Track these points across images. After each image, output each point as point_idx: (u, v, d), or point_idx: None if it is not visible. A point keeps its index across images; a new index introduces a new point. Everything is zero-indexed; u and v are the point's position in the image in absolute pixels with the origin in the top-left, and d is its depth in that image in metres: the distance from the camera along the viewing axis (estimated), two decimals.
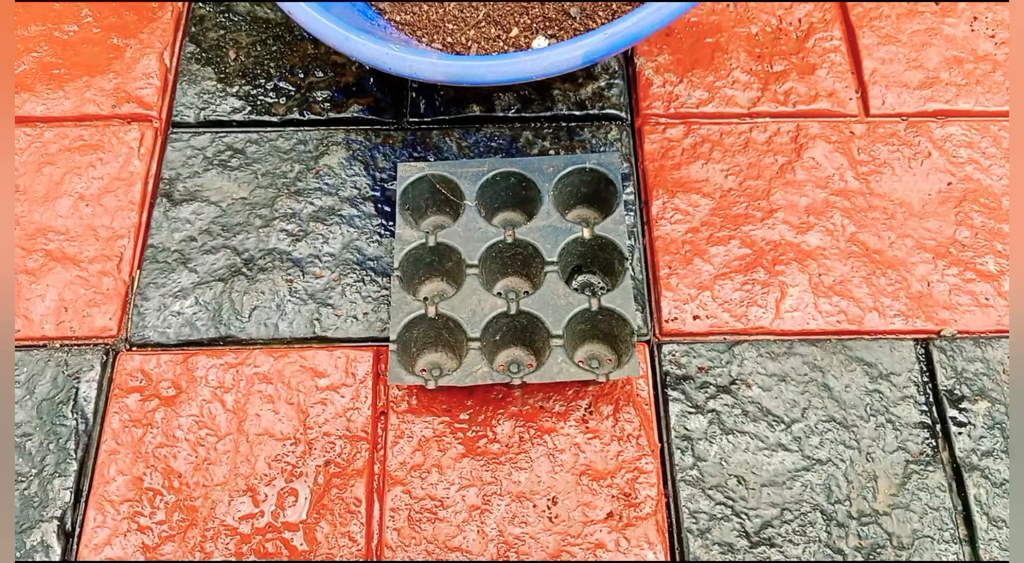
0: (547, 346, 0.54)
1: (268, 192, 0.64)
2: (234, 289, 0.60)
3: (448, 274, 0.59)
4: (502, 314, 0.55)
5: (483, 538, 0.52)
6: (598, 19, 0.64)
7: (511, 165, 0.60)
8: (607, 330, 0.56)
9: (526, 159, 0.61)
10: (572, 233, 0.58)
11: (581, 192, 0.61)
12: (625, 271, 0.56)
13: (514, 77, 0.55)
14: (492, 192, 0.60)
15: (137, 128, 0.66)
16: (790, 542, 0.53)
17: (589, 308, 0.55)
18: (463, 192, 0.59)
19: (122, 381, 0.57)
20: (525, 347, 0.57)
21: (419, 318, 0.55)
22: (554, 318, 0.55)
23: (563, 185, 0.60)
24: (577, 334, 0.56)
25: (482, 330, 0.55)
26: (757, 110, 0.67)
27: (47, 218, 0.62)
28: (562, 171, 0.59)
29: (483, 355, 0.54)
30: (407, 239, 0.58)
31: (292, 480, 0.54)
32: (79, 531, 0.53)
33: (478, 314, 0.55)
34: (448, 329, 0.56)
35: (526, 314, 0.55)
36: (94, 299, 0.60)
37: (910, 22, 0.71)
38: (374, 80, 0.68)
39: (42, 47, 0.69)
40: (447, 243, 0.58)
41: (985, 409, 0.56)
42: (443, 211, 0.61)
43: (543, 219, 0.58)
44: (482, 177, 0.59)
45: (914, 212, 0.63)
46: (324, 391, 0.57)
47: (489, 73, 0.55)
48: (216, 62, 0.69)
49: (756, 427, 0.56)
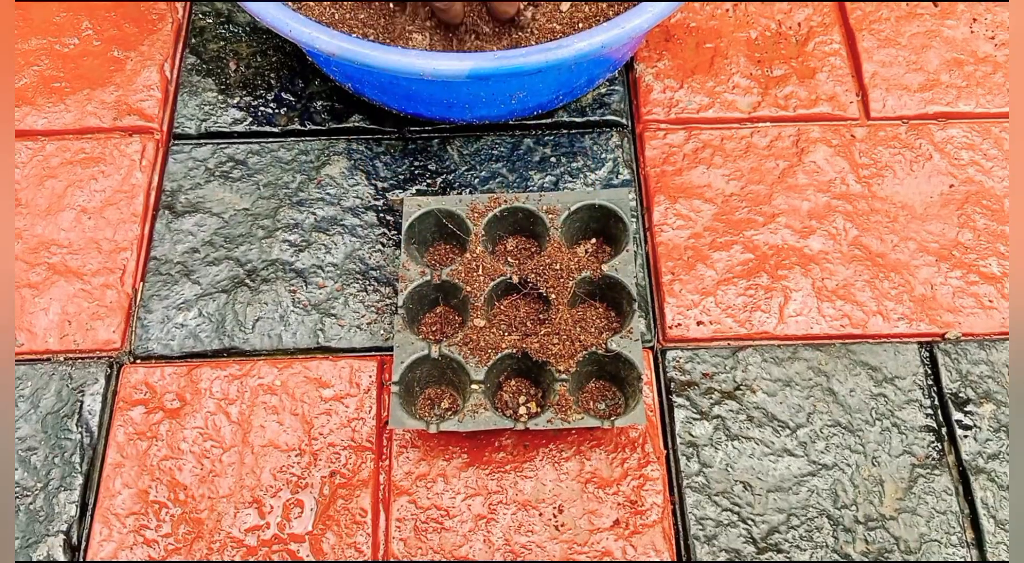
0: (552, 389, 0.53)
1: (270, 203, 0.64)
2: (237, 300, 0.60)
3: (454, 309, 0.59)
4: (508, 356, 0.54)
5: (489, 547, 0.52)
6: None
7: (518, 201, 0.59)
8: (614, 372, 0.55)
9: (534, 194, 0.59)
10: (580, 273, 0.57)
11: (590, 227, 0.60)
12: (633, 313, 0.55)
13: (400, 69, 0.55)
14: (500, 225, 0.59)
15: (139, 140, 0.66)
16: (797, 547, 0.52)
17: (596, 351, 0.54)
18: (469, 227, 0.58)
19: (126, 394, 0.57)
20: (530, 381, 0.56)
21: (422, 359, 0.54)
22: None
23: (571, 221, 0.59)
24: (584, 375, 0.55)
25: (486, 373, 0.54)
26: (758, 115, 0.67)
27: (49, 231, 0.63)
28: (571, 207, 0.58)
29: (486, 397, 0.53)
30: (411, 278, 0.57)
31: (297, 491, 0.54)
32: (85, 545, 0.53)
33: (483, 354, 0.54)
34: (452, 369, 0.55)
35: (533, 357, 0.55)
36: (97, 312, 0.60)
37: (910, 24, 0.71)
38: None
39: (43, 61, 0.69)
40: (452, 282, 0.57)
41: (991, 412, 0.56)
42: (449, 243, 0.61)
43: (549, 258, 0.57)
44: (489, 213, 0.58)
45: (916, 215, 0.63)
46: (328, 402, 0.57)
47: (376, 59, 0.55)
48: (217, 73, 0.69)
49: (761, 432, 0.56)
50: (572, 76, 0.63)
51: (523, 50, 0.55)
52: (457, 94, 0.61)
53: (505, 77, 0.57)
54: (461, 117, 0.65)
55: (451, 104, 0.63)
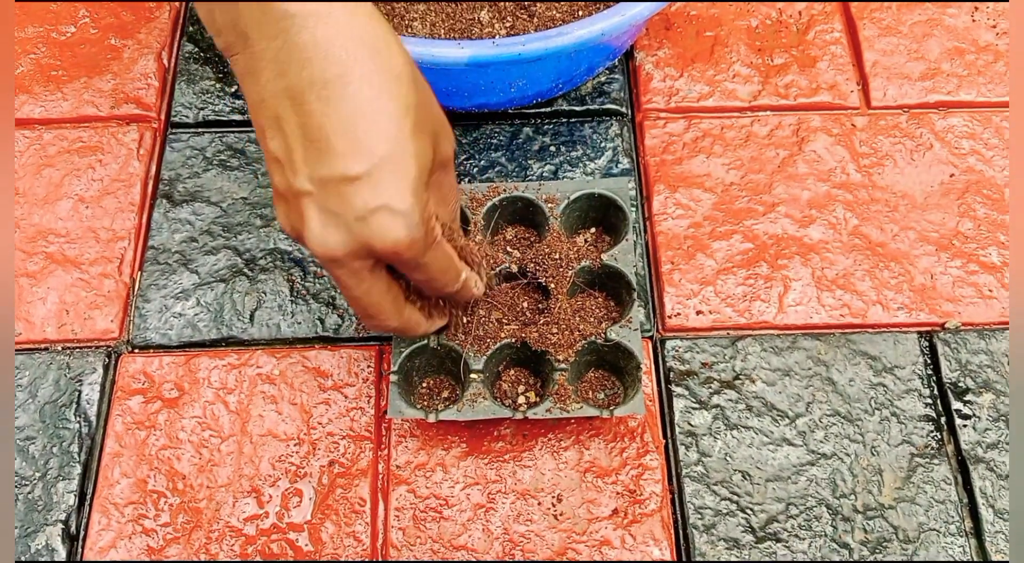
0: (551, 378, 0.53)
1: (268, 192, 0.64)
2: (236, 290, 0.60)
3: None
4: (507, 345, 0.54)
5: (488, 536, 0.52)
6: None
7: (517, 190, 0.58)
8: (613, 362, 0.55)
9: (534, 183, 0.59)
10: (580, 263, 0.56)
11: (590, 216, 0.60)
12: (633, 302, 0.55)
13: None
14: (499, 214, 0.59)
15: (136, 129, 0.66)
16: (796, 537, 0.52)
17: (595, 341, 0.54)
18: (468, 217, 0.58)
19: (125, 383, 0.57)
20: (530, 371, 0.56)
21: (421, 348, 0.54)
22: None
23: (571, 210, 0.58)
24: (583, 365, 0.55)
25: (485, 362, 0.53)
26: (758, 104, 0.67)
27: (47, 221, 0.62)
28: (570, 196, 0.58)
29: (485, 386, 0.53)
30: None
31: (296, 481, 0.54)
32: (84, 534, 0.53)
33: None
34: (451, 359, 0.55)
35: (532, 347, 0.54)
36: (95, 301, 0.59)
37: (911, 13, 0.71)
38: None
39: (39, 49, 0.69)
40: None
41: (990, 401, 0.56)
42: None
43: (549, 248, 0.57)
44: (488, 202, 0.58)
45: (916, 204, 0.63)
46: (327, 391, 0.57)
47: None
48: (215, 62, 0.69)
49: (760, 422, 0.56)
50: (572, 64, 0.62)
51: (522, 38, 0.55)
52: (456, 82, 0.61)
53: (504, 65, 0.57)
54: (460, 105, 0.65)
55: (450, 92, 0.62)
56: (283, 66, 0.37)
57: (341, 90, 0.37)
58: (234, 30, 0.38)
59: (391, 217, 0.39)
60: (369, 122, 0.38)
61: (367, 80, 0.38)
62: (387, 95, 0.38)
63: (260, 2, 0.37)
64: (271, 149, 0.40)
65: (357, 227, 0.39)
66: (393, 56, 0.39)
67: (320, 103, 0.37)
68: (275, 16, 0.37)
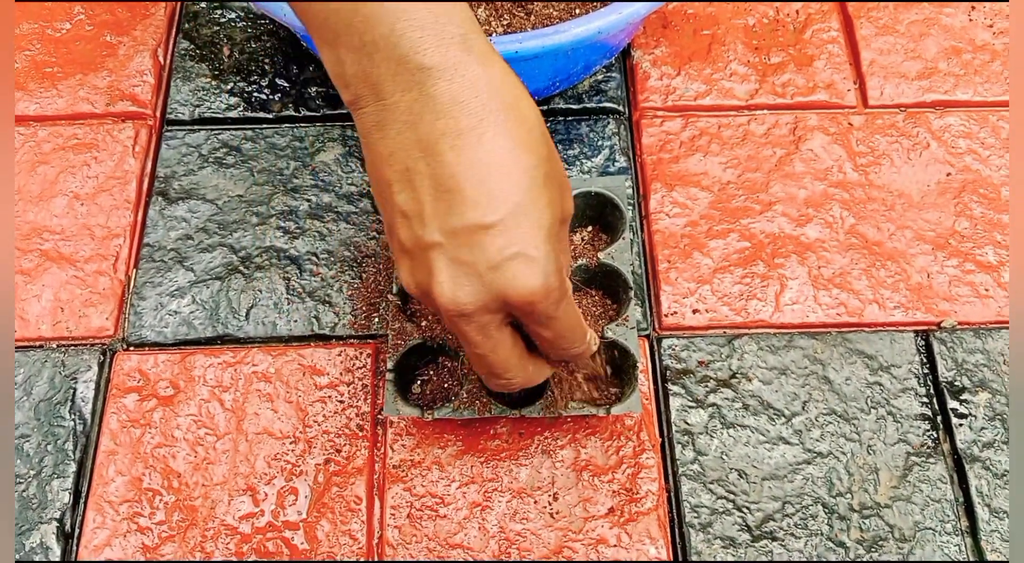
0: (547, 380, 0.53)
1: (264, 189, 0.63)
2: (231, 287, 0.60)
3: None
4: None
5: (484, 535, 0.52)
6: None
7: None
8: (610, 360, 0.55)
9: None
10: (577, 261, 0.56)
11: (586, 215, 0.60)
12: (630, 301, 0.54)
13: None
14: None
15: (131, 126, 0.66)
16: (792, 535, 0.52)
17: None
18: None
19: (120, 381, 0.57)
20: None
21: (417, 346, 0.54)
22: None
23: None
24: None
25: None
26: (755, 102, 0.67)
27: (42, 218, 0.62)
28: None
29: (482, 385, 0.53)
30: None
31: (292, 479, 0.54)
32: (78, 532, 0.53)
33: None
34: (448, 357, 0.55)
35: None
36: (90, 299, 0.59)
37: (908, 12, 0.71)
38: None
39: (35, 45, 0.69)
40: None
41: (986, 400, 0.56)
42: None
43: None
44: None
45: (913, 203, 0.63)
46: (323, 389, 0.56)
47: None
48: (210, 59, 0.69)
49: (757, 421, 0.56)
50: (569, 62, 0.62)
51: (519, 35, 0.55)
52: None
53: None
54: None
55: None
56: (416, 117, 0.37)
57: (476, 140, 0.37)
58: (366, 82, 0.38)
59: (527, 265, 0.38)
60: (503, 172, 0.37)
61: (501, 132, 0.37)
62: (522, 147, 0.38)
63: (396, 55, 0.36)
64: (399, 203, 0.39)
65: (490, 277, 0.38)
66: (526, 109, 0.39)
67: (454, 153, 0.37)
68: (411, 68, 0.37)
